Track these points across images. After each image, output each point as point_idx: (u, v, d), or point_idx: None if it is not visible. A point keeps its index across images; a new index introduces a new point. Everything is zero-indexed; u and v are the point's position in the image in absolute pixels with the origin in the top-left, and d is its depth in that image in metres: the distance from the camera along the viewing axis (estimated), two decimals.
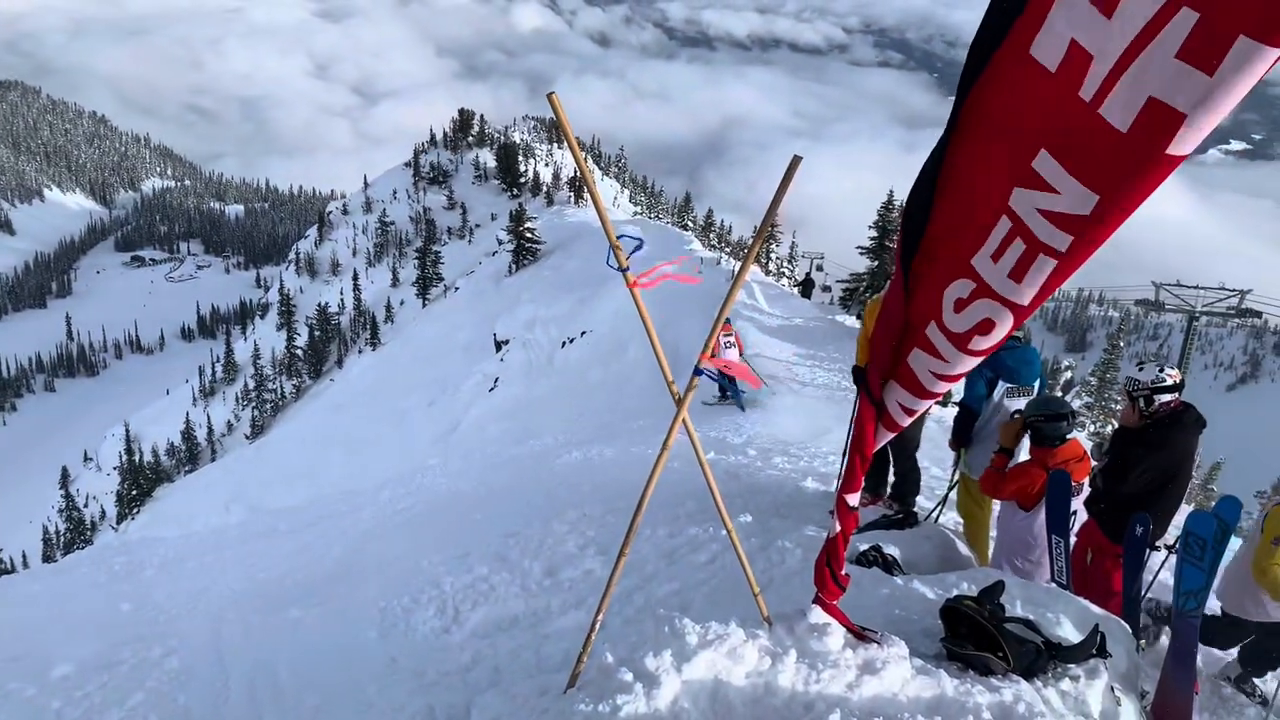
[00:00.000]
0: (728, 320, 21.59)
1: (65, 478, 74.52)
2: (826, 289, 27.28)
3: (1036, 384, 6.09)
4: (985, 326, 2.77)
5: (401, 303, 72.58)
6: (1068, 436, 5.17)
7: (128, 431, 76.32)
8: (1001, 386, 5.91)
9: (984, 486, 5.37)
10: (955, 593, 4.33)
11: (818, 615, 3.50)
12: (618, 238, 3.11)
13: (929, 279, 2.91)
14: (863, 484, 3.43)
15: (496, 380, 35.97)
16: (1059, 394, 21.74)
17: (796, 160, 2.99)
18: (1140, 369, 4.96)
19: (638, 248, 3.19)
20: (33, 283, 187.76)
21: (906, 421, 3.37)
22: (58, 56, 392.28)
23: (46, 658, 5.28)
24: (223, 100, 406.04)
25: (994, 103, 2.48)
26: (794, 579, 5.34)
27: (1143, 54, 1.97)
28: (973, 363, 3.02)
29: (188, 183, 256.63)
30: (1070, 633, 3.97)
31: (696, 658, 3.23)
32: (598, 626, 3.40)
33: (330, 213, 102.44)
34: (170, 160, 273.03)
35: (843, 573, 3.51)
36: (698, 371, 3.25)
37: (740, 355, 20.12)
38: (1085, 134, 2.18)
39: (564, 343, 34.64)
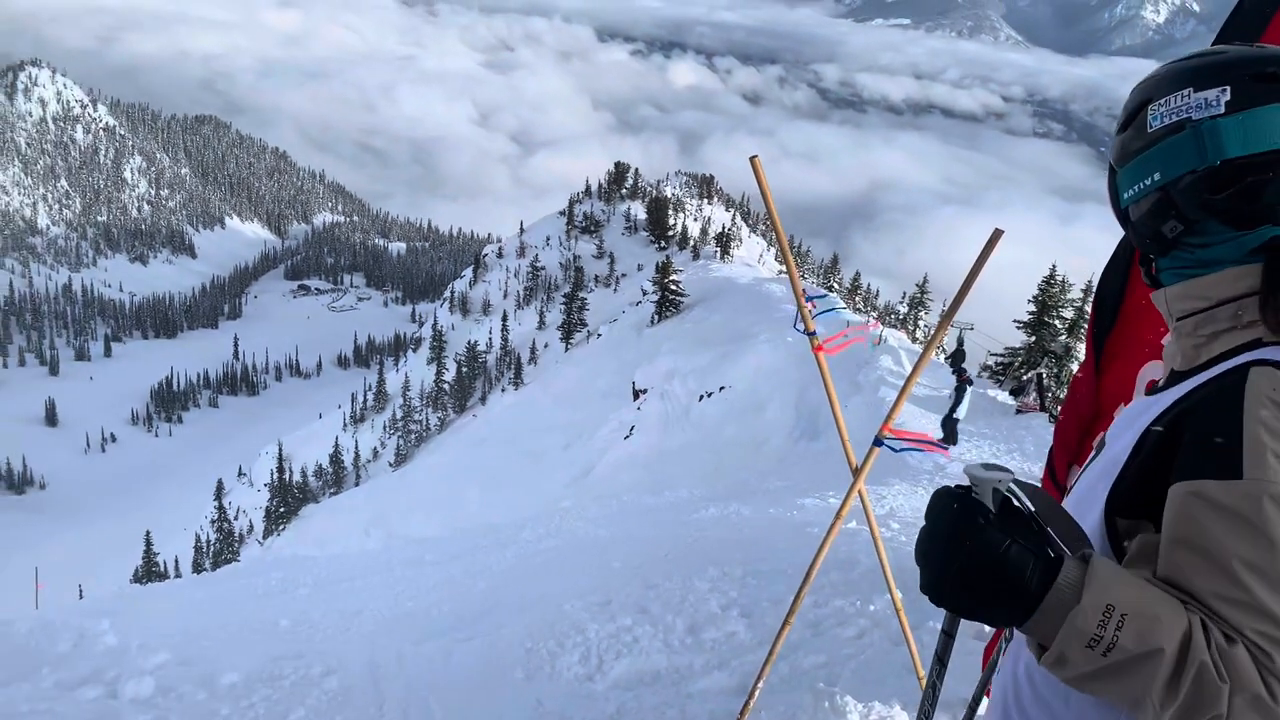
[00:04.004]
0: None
1: (220, 490, 78.82)
2: (997, 373, 26.06)
3: None
4: None
5: (546, 345, 74.35)
6: None
7: (280, 451, 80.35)
8: None
9: None
10: None
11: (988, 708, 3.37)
12: (806, 300, 3.14)
13: (1122, 359, 2.82)
14: None
15: (632, 428, 36.22)
16: None
17: (997, 234, 2.93)
18: None
19: (824, 312, 3.20)
20: (208, 304, 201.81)
21: None
22: (247, 95, 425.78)
23: (215, 664, 5.58)
24: (393, 140, 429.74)
25: None
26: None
27: None
28: None
29: (356, 219, 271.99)
30: None
31: None
32: (757, 694, 3.36)
33: (486, 255, 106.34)
34: (342, 197, 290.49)
35: None
36: (878, 442, 3.21)
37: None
38: None
39: (701, 396, 34.63)
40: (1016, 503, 1.27)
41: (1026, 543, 1.20)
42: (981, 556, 1.20)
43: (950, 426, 16.36)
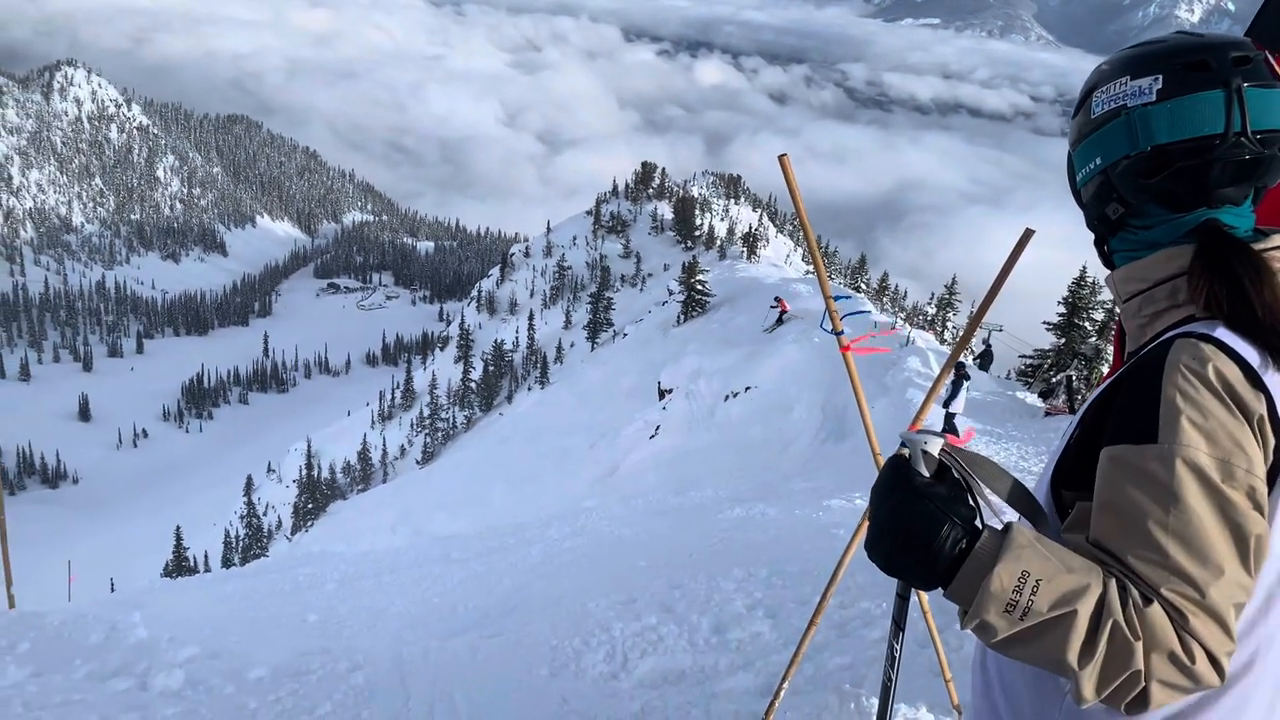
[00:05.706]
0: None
1: (250, 486, 79.61)
2: (1026, 375, 25.76)
3: None
4: None
5: (572, 344, 74.51)
6: None
7: (309, 447, 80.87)
8: None
9: None
10: None
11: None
12: (835, 300, 3.12)
13: None
14: None
15: (657, 428, 36.20)
16: None
17: (1029, 234, 2.91)
18: None
19: (850, 314, 3.19)
20: (238, 301, 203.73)
21: None
22: (278, 95, 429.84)
23: (243, 658, 5.64)
24: (422, 140, 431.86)
25: None
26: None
27: None
28: None
29: (385, 218, 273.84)
30: None
31: None
32: (782, 694, 3.35)
33: (513, 254, 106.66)
34: (371, 196, 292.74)
35: None
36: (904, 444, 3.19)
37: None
38: None
39: (727, 396, 34.53)
40: (956, 473, 1.32)
41: (943, 506, 1.24)
42: (896, 513, 1.26)
43: (947, 421, 16.62)
